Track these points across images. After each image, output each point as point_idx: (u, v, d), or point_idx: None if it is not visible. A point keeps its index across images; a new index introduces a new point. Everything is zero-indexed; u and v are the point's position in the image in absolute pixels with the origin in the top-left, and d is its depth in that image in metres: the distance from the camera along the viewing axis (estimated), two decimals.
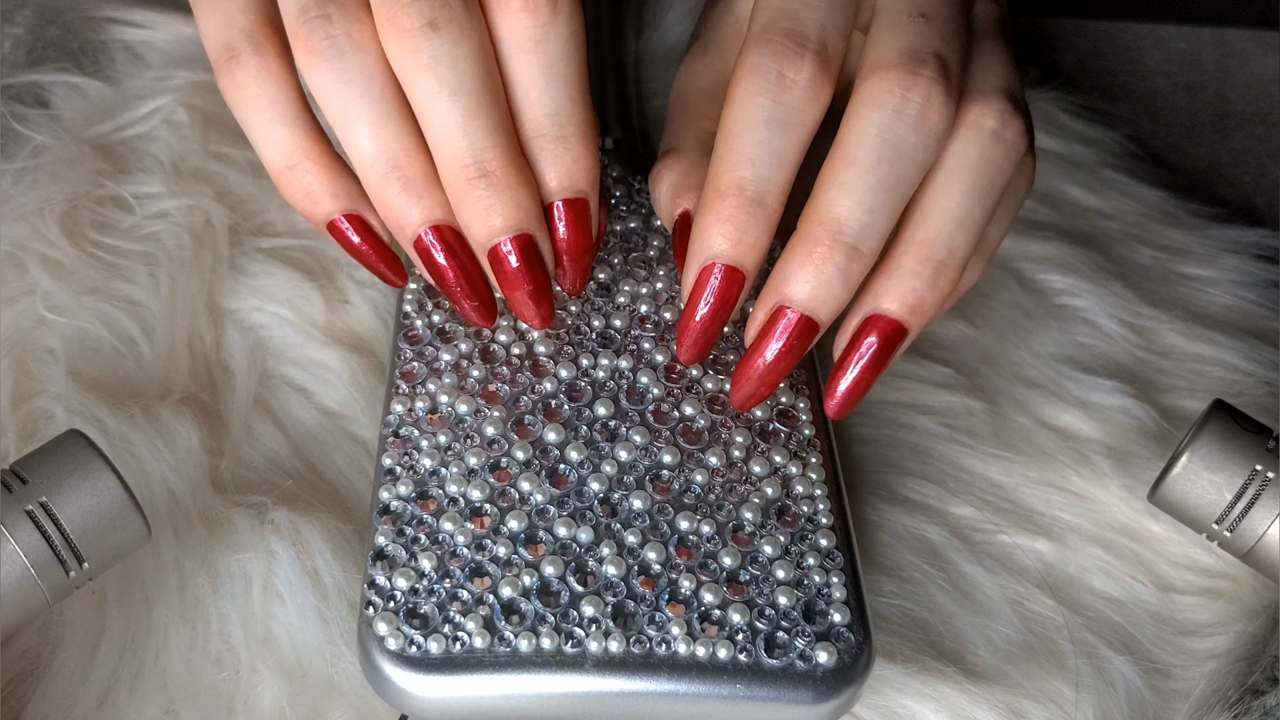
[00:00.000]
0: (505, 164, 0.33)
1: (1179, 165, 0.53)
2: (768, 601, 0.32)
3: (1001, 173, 0.33)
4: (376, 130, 0.33)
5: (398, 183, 0.34)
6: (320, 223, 0.36)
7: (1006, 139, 0.33)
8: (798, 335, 0.33)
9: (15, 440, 0.38)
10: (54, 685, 0.34)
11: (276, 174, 0.35)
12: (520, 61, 0.33)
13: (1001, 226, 0.36)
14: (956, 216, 0.33)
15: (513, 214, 0.33)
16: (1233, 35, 0.57)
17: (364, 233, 0.36)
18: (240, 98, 0.34)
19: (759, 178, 0.33)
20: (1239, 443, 0.35)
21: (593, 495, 0.34)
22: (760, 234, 0.33)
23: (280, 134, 0.34)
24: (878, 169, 0.32)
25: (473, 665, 0.31)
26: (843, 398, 0.34)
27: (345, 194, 0.35)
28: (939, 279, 0.33)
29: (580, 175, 0.34)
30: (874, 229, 0.32)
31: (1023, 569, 0.38)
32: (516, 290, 0.35)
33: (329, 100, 0.33)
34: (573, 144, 0.34)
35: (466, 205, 0.33)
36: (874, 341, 0.34)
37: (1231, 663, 0.37)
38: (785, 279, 0.33)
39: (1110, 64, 0.56)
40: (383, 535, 0.33)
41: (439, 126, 0.33)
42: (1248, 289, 0.47)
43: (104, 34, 0.49)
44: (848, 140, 0.32)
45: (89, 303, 0.41)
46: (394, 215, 0.34)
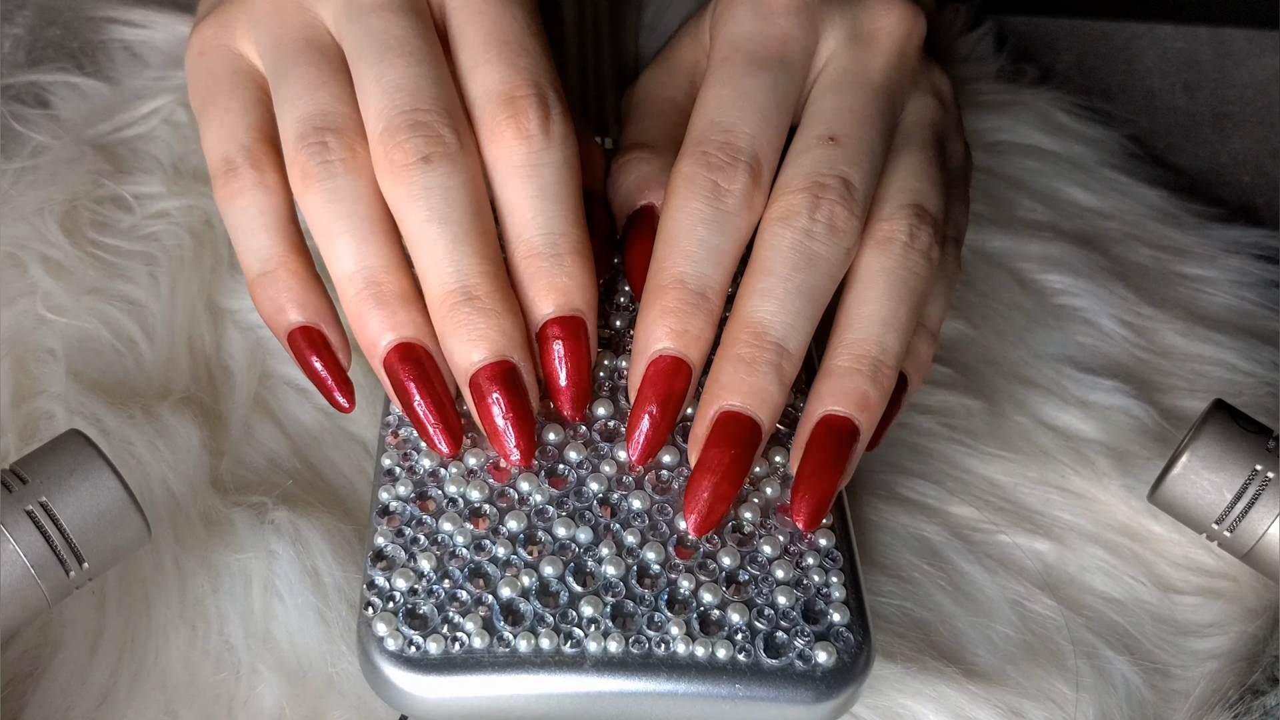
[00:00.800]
0: (491, 290, 0.33)
1: (1178, 165, 0.53)
2: (767, 601, 0.32)
3: (918, 276, 0.34)
4: (358, 246, 0.33)
5: (373, 299, 0.33)
6: (282, 333, 0.35)
7: (917, 249, 0.34)
8: (742, 441, 0.33)
9: (15, 440, 0.38)
10: (54, 685, 0.34)
11: (251, 280, 0.35)
12: (514, 186, 0.34)
13: (939, 307, 0.37)
14: (881, 318, 0.34)
15: (497, 339, 0.33)
16: (1230, 35, 0.57)
17: (321, 348, 0.35)
18: (232, 207, 0.35)
19: (699, 273, 0.33)
20: (1239, 443, 0.35)
21: (592, 495, 0.34)
22: (703, 326, 0.33)
23: (262, 241, 0.35)
24: (794, 275, 0.33)
25: (472, 666, 0.31)
26: (809, 507, 0.33)
27: (312, 308, 0.35)
28: (878, 375, 0.33)
29: (576, 294, 0.34)
30: (797, 330, 0.33)
31: (1023, 569, 0.38)
32: (494, 420, 0.33)
33: (317, 219, 0.34)
34: (567, 262, 0.34)
35: (451, 332, 0.33)
36: (828, 443, 0.33)
37: (1231, 663, 0.37)
38: (721, 386, 0.33)
39: (1108, 64, 0.56)
40: (382, 536, 0.33)
41: (427, 253, 0.33)
42: (1248, 289, 0.47)
43: (104, 34, 0.49)
44: (762, 255, 0.33)
45: (89, 303, 0.41)
46: (367, 331, 0.34)
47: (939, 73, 0.39)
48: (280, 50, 0.35)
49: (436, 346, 0.34)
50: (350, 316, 0.34)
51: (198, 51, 0.37)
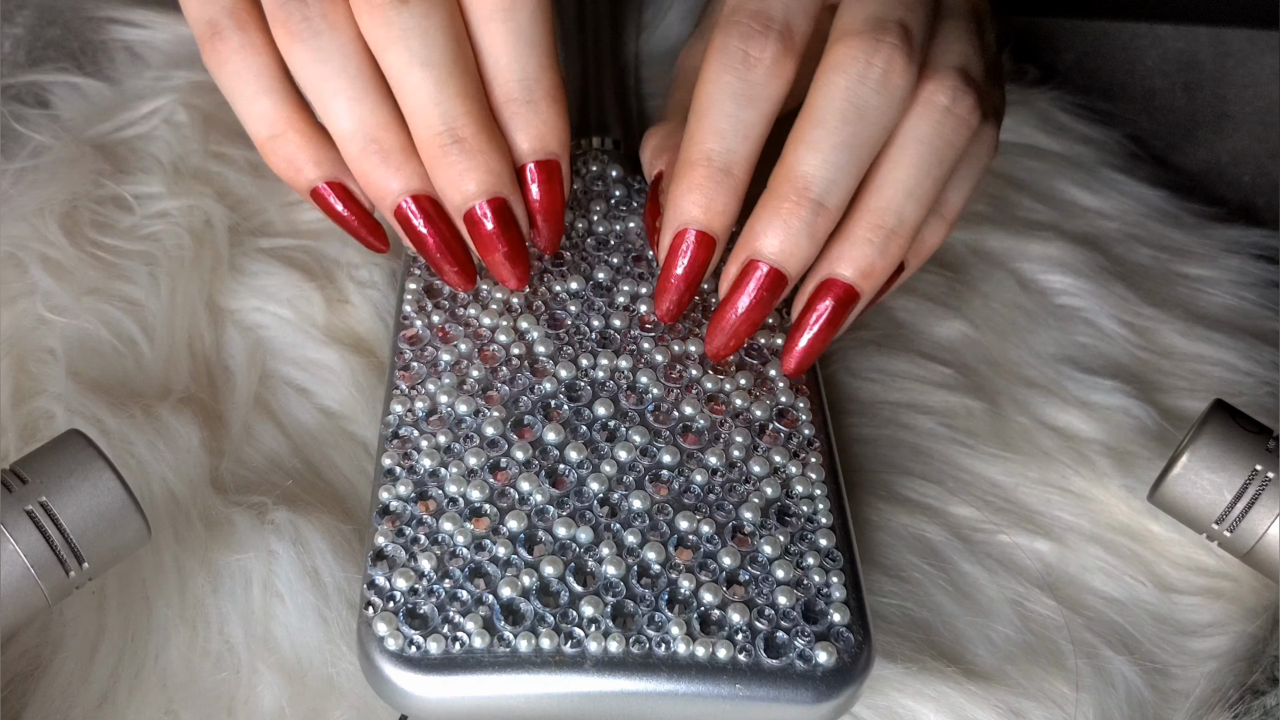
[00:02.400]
0: (477, 130, 0.34)
1: (1179, 165, 0.53)
2: (767, 601, 0.32)
3: (952, 146, 0.35)
4: (353, 105, 0.34)
5: (376, 155, 0.35)
6: (304, 190, 0.37)
7: (957, 114, 0.35)
8: (767, 288, 0.35)
9: (15, 440, 0.38)
10: (54, 685, 0.34)
11: (261, 143, 0.36)
12: (489, 30, 0.35)
13: (962, 192, 0.37)
14: (907, 187, 0.35)
15: (485, 178, 0.35)
16: (1230, 35, 0.57)
17: (346, 199, 0.37)
18: (224, 71, 0.36)
19: (726, 149, 0.34)
20: (1239, 443, 0.35)
21: (592, 495, 0.34)
22: (728, 201, 0.35)
23: (264, 104, 0.36)
24: (842, 129, 0.34)
25: (472, 665, 0.31)
26: (799, 357, 0.36)
27: (327, 161, 0.36)
28: (889, 246, 0.35)
29: (551, 137, 0.36)
30: (838, 186, 0.34)
31: (1023, 569, 0.38)
32: (493, 252, 0.36)
33: (307, 79, 0.35)
34: (542, 107, 0.35)
35: (441, 171, 0.35)
36: (829, 305, 0.36)
37: (1231, 663, 0.37)
38: (755, 235, 0.35)
39: (1108, 64, 0.57)
40: (382, 535, 0.33)
41: (412, 96, 0.34)
42: (1248, 289, 0.47)
43: (104, 34, 0.49)
44: (815, 103, 0.34)
45: (89, 303, 0.41)
46: (374, 187, 0.35)
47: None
48: None
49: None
50: (355, 173, 0.35)
51: None
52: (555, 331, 0.38)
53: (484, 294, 0.39)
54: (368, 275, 0.42)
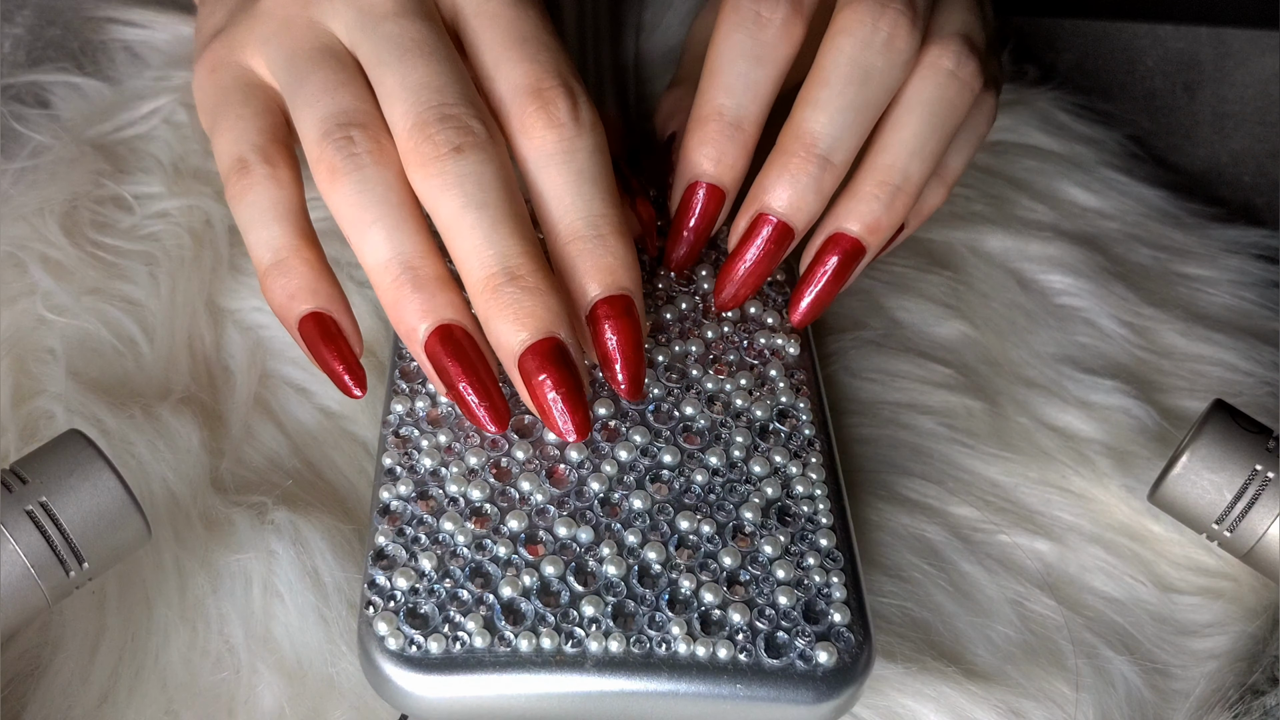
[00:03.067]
0: (534, 269, 0.33)
1: (1179, 165, 0.53)
2: (768, 601, 0.32)
3: (956, 109, 0.36)
4: (391, 233, 0.33)
5: (410, 284, 0.33)
6: (294, 321, 0.35)
7: (961, 78, 0.36)
8: (775, 240, 0.36)
9: (15, 440, 0.38)
10: (54, 685, 0.34)
11: (263, 271, 0.35)
12: (549, 174, 0.34)
13: (962, 156, 0.39)
14: (912, 146, 0.36)
15: (544, 317, 0.33)
16: (1230, 35, 0.57)
17: (333, 335, 0.35)
18: (243, 203, 0.35)
19: (736, 105, 0.36)
20: (1239, 443, 0.35)
21: (593, 495, 0.34)
22: (738, 155, 0.36)
23: (274, 231, 0.34)
24: (848, 90, 0.35)
25: (473, 665, 0.31)
26: (807, 310, 0.38)
27: (324, 294, 0.34)
28: (894, 202, 0.36)
29: (622, 272, 0.34)
30: (844, 144, 0.35)
31: (1023, 569, 0.38)
32: (544, 397, 0.33)
33: (346, 211, 0.33)
34: (611, 242, 0.34)
35: (496, 313, 0.33)
36: (836, 259, 0.37)
37: (1231, 663, 0.37)
38: (764, 189, 0.36)
39: (1108, 64, 0.57)
40: (383, 535, 0.33)
41: (465, 238, 0.33)
42: (1248, 289, 0.47)
43: (104, 34, 0.49)
44: (822, 65, 0.35)
45: (89, 303, 0.41)
46: (405, 317, 0.33)
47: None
48: (294, 60, 0.35)
49: (477, 328, 0.34)
50: (387, 304, 0.34)
51: (208, 70, 0.37)
52: None
53: None
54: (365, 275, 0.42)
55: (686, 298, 0.39)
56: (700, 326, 0.38)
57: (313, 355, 0.35)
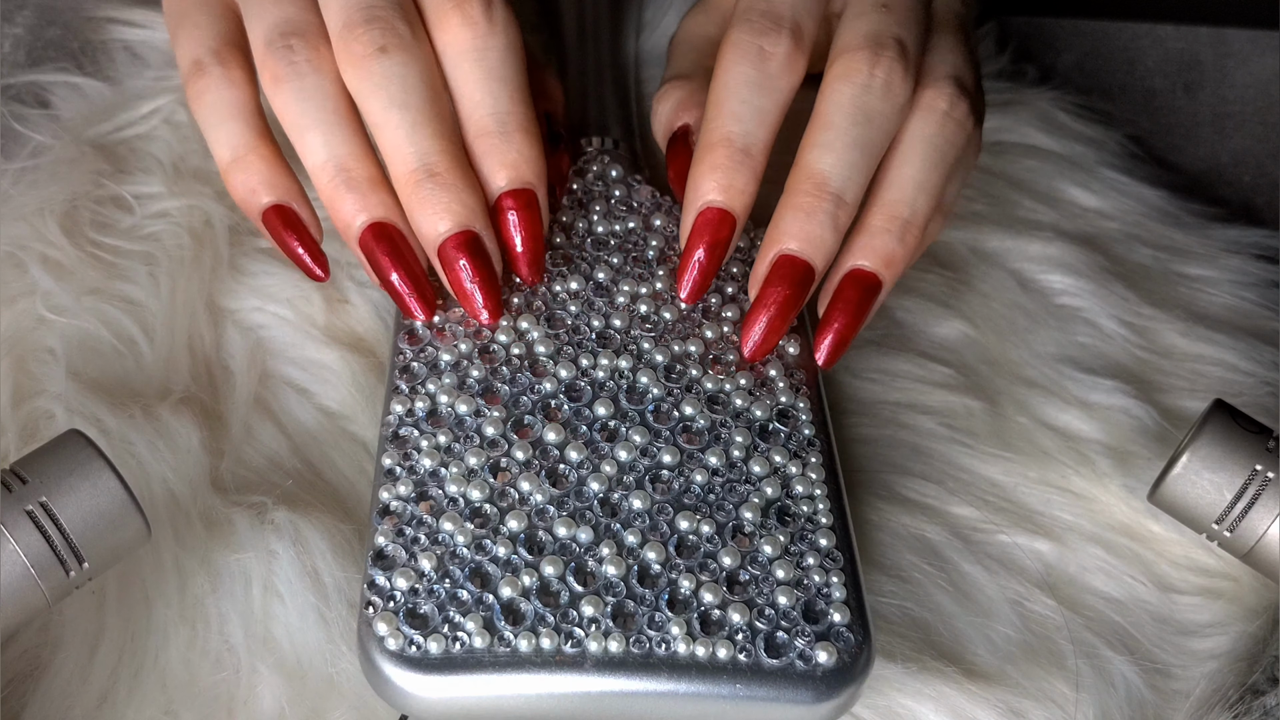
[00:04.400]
0: (450, 166, 0.36)
1: (1179, 165, 0.53)
2: (767, 601, 0.32)
3: (954, 145, 0.38)
4: (327, 137, 0.36)
5: (345, 184, 0.36)
6: (256, 214, 0.38)
7: (956, 118, 0.38)
8: (797, 281, 0.36)
9: (15, 440, 0.38)
10: (54, 685, 0.34)
11: (225, 166, 0.37)
12: (462, 70, 0.37)
13: (955, 187, 0.40)
14: (917, 181, 0.37)
15: (459, 211, 0.36)
16: (1231, 35, 0.57)
17: (295, 224, 0.38)
18: (201, 103, 0.37)
19: (745, 132, 0.36)
20: (1239, 443, 0.35)
21: (592, 495, 0.34)
22: (747, 181, 0.37)
23: (232, 129, 0.37)
24: (852, 130, 0.36)
25: (473, 665, 0.31)
26: (831, 349, 0.38)
27: (283, 188, 0.37)
28: (906, 236, 0.37)
29: (525, 167, 0.37)
30: (853, 182, 0.36)
31: (1023, 569, 0.38)
32: (463, 283, 0.37)
33: (287, 116, 0.36)
34: (516, 138, 0.37)
35: (416, 207, 0.36)
36: (854, 294, 0.37)
37: (1231, 663, 0.37)
38: (781, 232, 0.36)
39: (1108, 64, 0.57)
40: (383, 535, 0.33)
41: (390, 137, 0.36)
42: (1248, 289, 0.47)
43: (104, 34, 0.49)
44: (824, 110, 0.37)
45: (89, 303, 0.41)
46: (341, 214, 0.37)
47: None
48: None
49: (405, 224, 0.37)
50: (325, 201, 0.37)
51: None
52: (555, 331, 0.38)
53: None
54: (365, 275, 0.42)
55: None
56: (700, 326, 0.38)
57: (276, 243, 0.38)
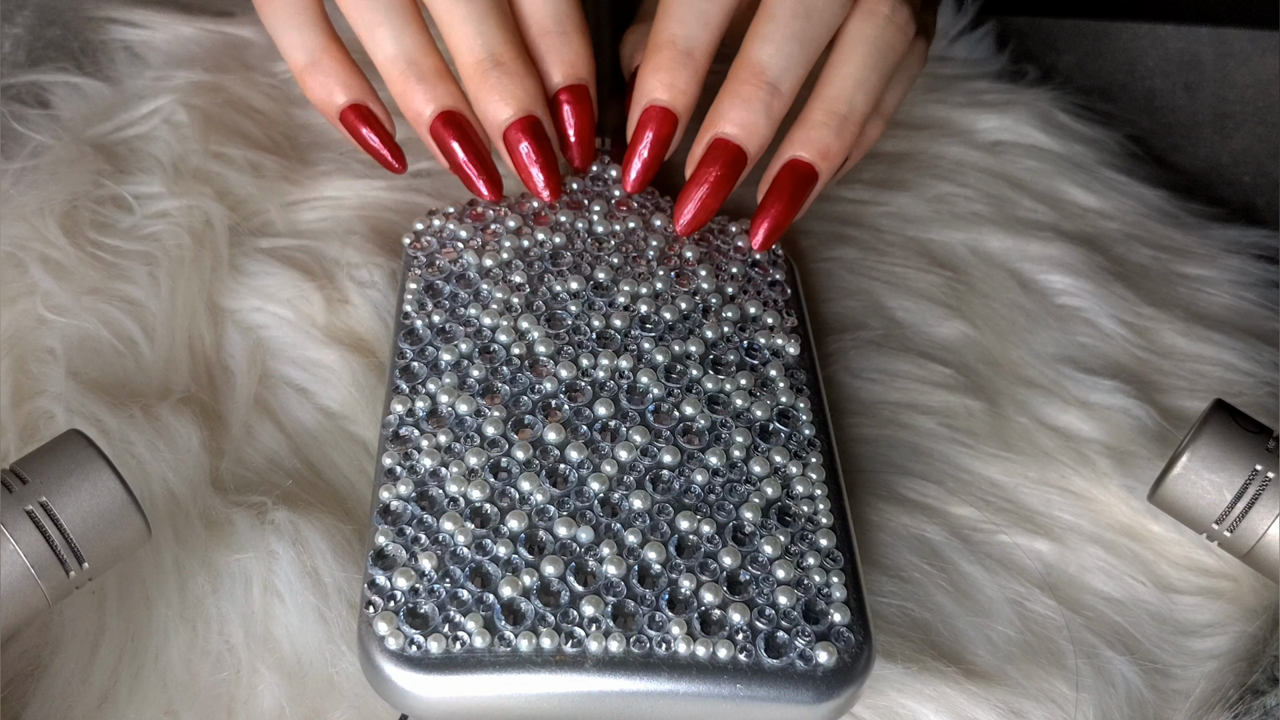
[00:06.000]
0: (515, 56, 0.39)
1: (1179, 165, 0.53)
2: (768, 601, 0.32)
3: (894, 49, 0.39)
4: (397, 32, 0.39)
5: (414, 76, 0.39)
6: (334, 113, 0.40)
7: (897, 23, 0.39)
8: (729, 163, 0.39)
9: (15, 440, 0.38)
10: (54, 685, 0.34)
11: (299, 70, 0.40)
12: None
13: (896, 94, 0.42)
14: (856, 79, 0.39)
15: (522, 98, 0.39)
16: (1231, 35, 0.57)
17: (372, 121, 0.41)
18: (270, 8, 0.40)
19: (688, 35, 0.39)
20: (1239, 443, 0.35)
21: (593, 495, 0.34)
22: (689, 81, 0.39)
23: (304, 35, 0.40)
24: (792, 23, 0.38)
25: (473, 665, 0.31)
26: (765, 234, 0.40)
27: (357, 88, 0.40)
28: (843, 130, 0.39)
29: (581, 65, 0.40)
30: (790, 72, 0.38)
31: (1023, 569, 0.38)
32: (525, 165, 0.39)
33: (356, 13, 0.39)
34: (574, 38, 0.40)
35: (484, 94, 0.39)
36: (789, 183, 0.39)
37: (1231, 663, 0.37)
38: (718, 115, 0.39)
39: (1109, 64, 0.57)
40: (383, 535, 0.33)
41: (458, 29, 0.39)
42: (1248, 289, 0.47)
43: (104, 34, 0.49)
44: (767, 3, 0.38)
45: (89, 303, 0.41)
46: (412, 105, 0.39)
47: None
48: None
49: (471, 112, 0.40)
50: (396, 95, 0.39)
51: None
52: (555, 331, 0.38)
53: (484, 294, 0.39)
54: (368, 275, 0.42)
55: (686, 298, 0.39)
56: (700, 326, 0.38)
57: (355, 139, 0.41)
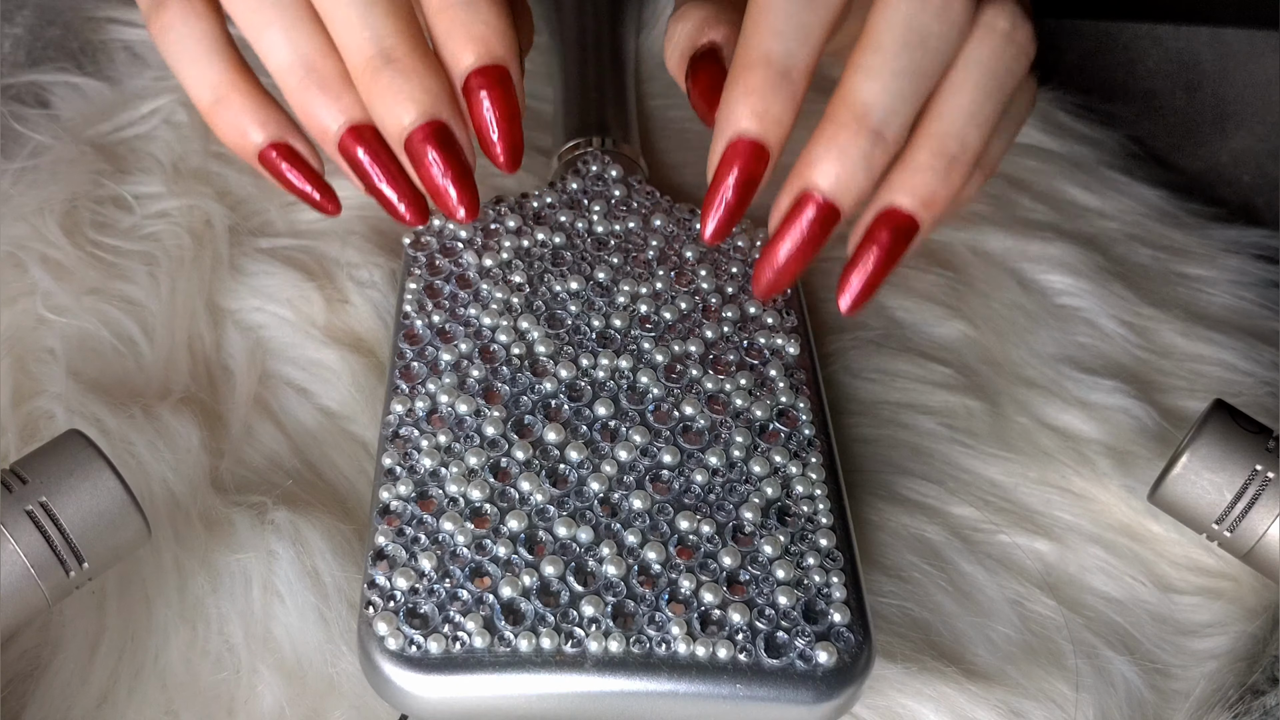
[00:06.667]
0: (410, 49, 0.33)
1: (1179, 165, 0.53)
2: (768, 601, 0.32)
3: (1012, 74, 0.34)
4: (289, 34, 0.33)
5: (315, 85, 0.33)
6: (252, 156, 0.35)
7: (1018, 41, 0.34)
8: (820, 223, 0.33)
9: (15, 440, 0.38)
10: (54, 685, 0.34)
11: (206, 109, 0.35)
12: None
13: (1003, 141, 0.36)
14: (969, 111, 0.33)
15: (423, 99, 0.33)
16: (1230, 35, 0.57)
17: (294, 160, 0.35)
18: (167, 39, 0.35)
19: (786, 51, 0.32)
20: (1239, 443, 0.35)
21: (593, 495, 0.34)
22: (785, 109, 0.33)
23: (207, 68, 0.35)
24: (903, 55, 0.32)
25: (473, 665, 0.31)
26: (857, 295, 0.34)
27: (273, 123, 0.35)
28: (951, 174, 0.33)
29: (495, 40, 0.33)
30: (899, 115, 0.32)
31: (1023, 569, 0.38)
32: (435, 180, 0.33)
33: (244, 16, 0.33)
34: (481, 8, 0.33)
35: (376, 97, 0.33)
36: (886, 236, 0.33)
37: (1231, 663, 0.37)
38: (811, 164, 0.33)
39: (1109, 64, 0.57)
40: (383, 535, 0.33)
41: (341, 22, 0.33)
42: (1248, 289, 0.47)
43: (104, 34, 0.49)
44: (875, 28, 0.32)
45: (89, 303, 0.41)
46: (315, 121, 0.34)
47: None
48: None
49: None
50: (295, 107, 0.34)
51: None
52: (555, 331, 0.38)
53: (484, 294, 0.39)
54: (368, 275, 0.42)
55: (686, 298, 0.39)
56: (700, 326, 0.38)
57: (279, 183, 0.35)
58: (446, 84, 0.33)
